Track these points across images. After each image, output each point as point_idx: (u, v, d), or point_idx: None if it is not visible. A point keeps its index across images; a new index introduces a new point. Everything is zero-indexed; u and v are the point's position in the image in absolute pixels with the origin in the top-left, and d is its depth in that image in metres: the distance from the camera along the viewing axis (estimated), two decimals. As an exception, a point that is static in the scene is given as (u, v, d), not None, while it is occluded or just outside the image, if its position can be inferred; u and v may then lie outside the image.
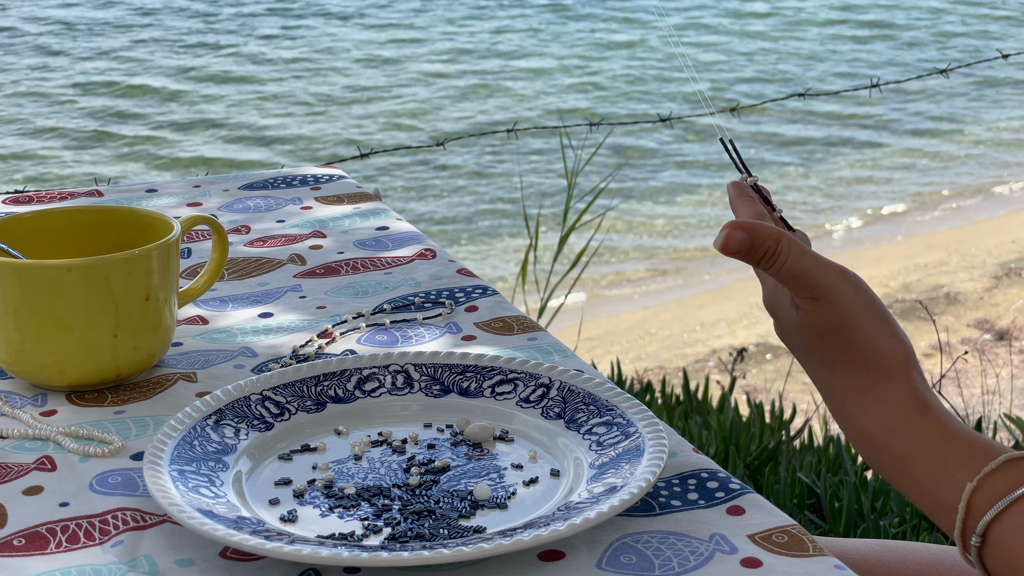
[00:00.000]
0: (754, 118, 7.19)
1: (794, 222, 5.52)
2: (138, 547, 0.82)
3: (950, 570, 1.03)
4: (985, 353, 4.06)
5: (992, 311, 4.61)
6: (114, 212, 1.12)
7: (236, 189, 1.50)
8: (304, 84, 8.06)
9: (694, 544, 0.81)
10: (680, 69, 8.15)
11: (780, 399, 2.97)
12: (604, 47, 8.83)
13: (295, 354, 1.08)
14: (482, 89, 8.00)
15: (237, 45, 8.91)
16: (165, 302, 1.04)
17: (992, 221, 6.16)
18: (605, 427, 0.92)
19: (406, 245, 1.32)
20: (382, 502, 0.86)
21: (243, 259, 1.29)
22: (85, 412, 1.00)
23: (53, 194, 1.49)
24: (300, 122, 7.36)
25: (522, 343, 1.10)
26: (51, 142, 6.97)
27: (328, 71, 8.35)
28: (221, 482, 0.87)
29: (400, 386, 0.99)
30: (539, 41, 9.03)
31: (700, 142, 6.97)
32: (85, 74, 8.17)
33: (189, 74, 8.19)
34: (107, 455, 0.93)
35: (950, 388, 3.64)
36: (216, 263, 1.13)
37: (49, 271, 0.99)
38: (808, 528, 2.31)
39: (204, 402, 0.94)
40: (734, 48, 8.91)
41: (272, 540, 0.79)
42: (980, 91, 8.09)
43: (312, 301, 1.19)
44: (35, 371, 1.02)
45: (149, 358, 1.04)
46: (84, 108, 7.44)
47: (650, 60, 8.55)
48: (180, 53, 8.66)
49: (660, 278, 5.63)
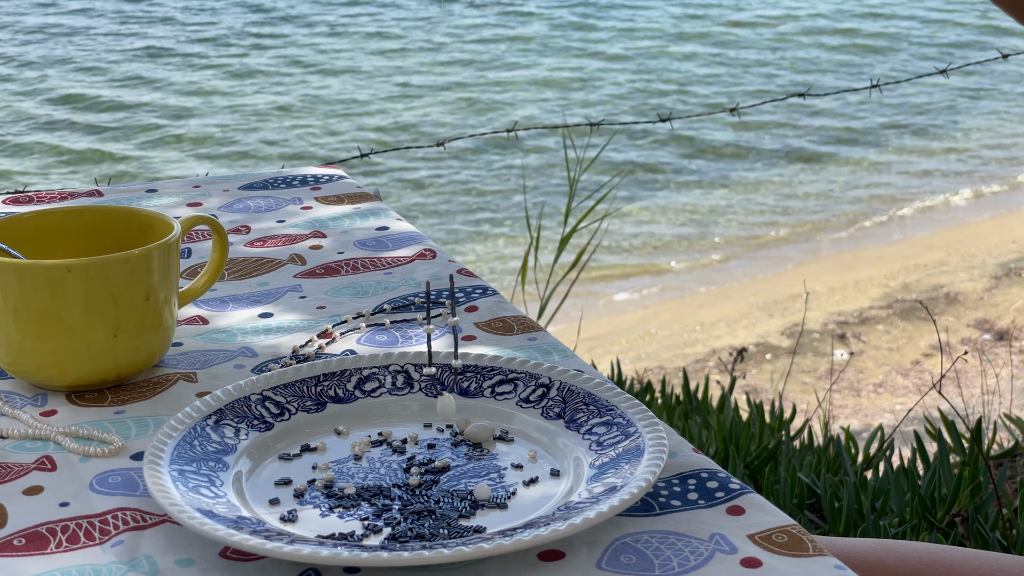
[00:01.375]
0: (753, 118, 7.19)
1: (807, 223, 5.46)
2: (138, 547, 0.82)
3: (949, 570, 1.03)
4: (985, 353, 4.06)
5: (992, 311, 4.61)
6: (114, 212, 1.12)
7: (236, 189, 1.50)
8: (305, 87, 8.06)
9: (694, 544, 0.81)
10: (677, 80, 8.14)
11: (780, 399, 2.97)
12: (608, 58, 8.82)
13: (295, 354, 1.08)
14: (483, 92, 7.99)
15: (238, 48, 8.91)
16: (165, 302, 1.04)
17: (992, 221, 6.16)
18: (605, 427, 0.92)
19: (406, 245, 1.32)
20: (382, 502, 0.86)
21: (243, 259, 1.29)
22: (85, 412, 1.00)
23: (53, 194, 1.49)
24: (301, 122, 7.35)
25: (522, 343, 1.10)
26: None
27: (329, 73, 8.35)
28: (221, 482, 0.87)
29: (400, 386, 0.99)
30: (545, 48, 9.03)
31: (704, 157, 6.97)
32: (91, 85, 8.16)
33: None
34: (107, 455, 0.93)
35: (950, 388, 3.63)
36: (216, 263, 1.13)
37: (49, 271, 0.99)
38: (808, 528, 2.31)
39: (204, 402, 0.94)
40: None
41: (272, 540, 0.79)
42: (976, 91, 8.08)
43: (312, 301, 1.19)
44: (35, 371, 1.02)
45: (149, 358, 1.04)
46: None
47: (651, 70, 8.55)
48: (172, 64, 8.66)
49: (660, 277, 5.63)
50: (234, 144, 7.04)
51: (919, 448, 2.47)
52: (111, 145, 7.03)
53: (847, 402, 3.87)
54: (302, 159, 6.77)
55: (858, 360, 4.22)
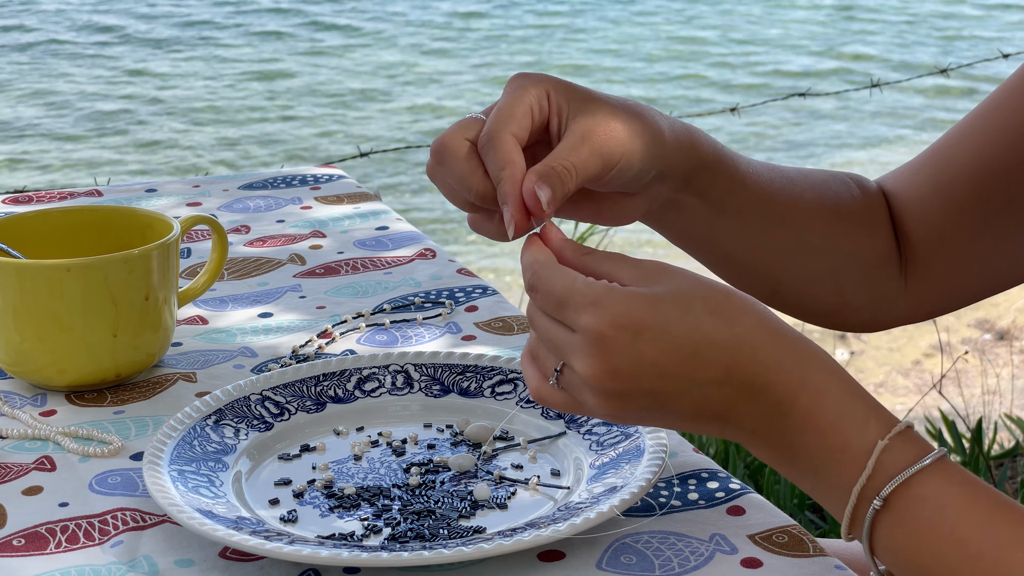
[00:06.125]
0: (752, 117, 7.20)
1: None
2: (138, 547, 0.82)
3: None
4: (985, 353, 4.06)
5: (992, 311, 4.61)
6: (114, 212, 1.12)
7: (236, 189, 1.50)
8: (305, 85, 8.07)
9: (694, 544, 0.81)
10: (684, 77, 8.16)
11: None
12: (612, 54, 8.83)
13: (295, 354, 1.08)
14: (483, 90, 8.00)
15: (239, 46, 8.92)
16: (165, 302, 1.04)
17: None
18: (605, 427, 0.92)
19: (406, 245, 1.32)
20: (382, 502, 0.86)
21: (243, 259, 1.29)
22: (85, 412, 1.00)
23: (53, 194, 1.49)
24: (299, 124, 7.36)
25: (522, 343, 1.10)
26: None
27: (328, 72, 8.35)
28: (221, 482, 0.87)
29: (400, 386, 0.99)
30: (544, 44, 9.03)
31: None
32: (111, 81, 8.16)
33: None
34: (107, 455, 0.93)
35: (950, 388, 3.64)
36: (216, 263, 1.13)
37: (49, 271, 0.99)
38: (808, 528, 2.31)
39: (204, 402, 0.94)
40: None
41: (272, 540, 0.79)
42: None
43: (312, 301, 1.19)
44: (35, 371, 1.02)
45: (149, 358, 1.04)
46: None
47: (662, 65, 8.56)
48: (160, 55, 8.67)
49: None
50: (234, 144, 7.04)
51: (919, 448, 2.47)
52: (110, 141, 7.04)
53: (847, 402, 3.86)
54: (302, 159, 6.77)
55: (858, 360, 4.22)
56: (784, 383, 0.72)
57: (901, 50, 8.81)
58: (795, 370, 0.72)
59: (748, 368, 0.72)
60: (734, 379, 0.72)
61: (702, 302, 0.72)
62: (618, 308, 0.72)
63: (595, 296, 0.72)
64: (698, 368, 0.72)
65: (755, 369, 0.72)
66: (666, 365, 0.71)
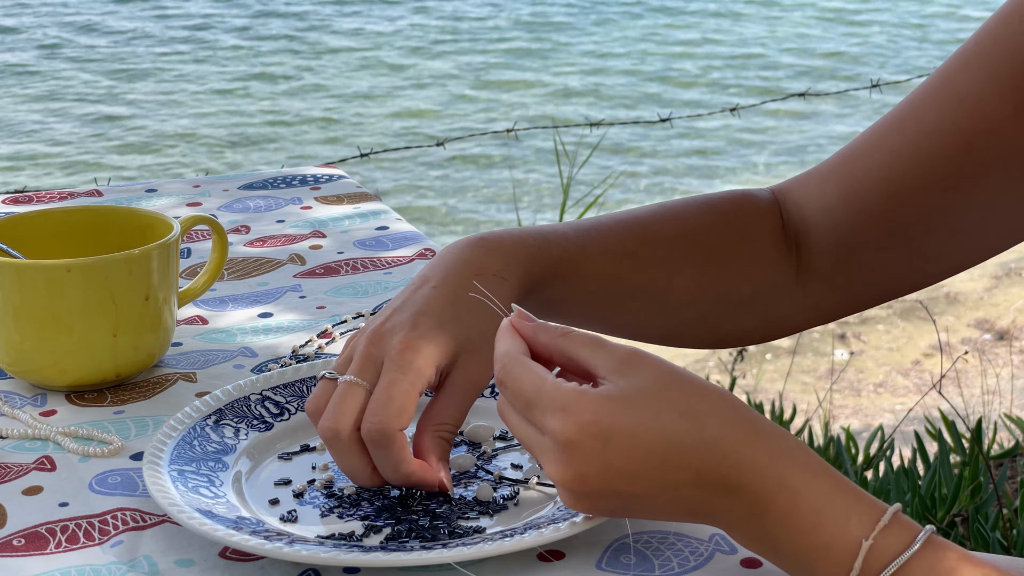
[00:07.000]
0: (752, 117, 7.20)
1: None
2: (138, 547, 0.82)
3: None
4: (985, 353, 4.06)
5: (992, 311, 4.61)
6: (114, 212, 1.12)
7: (236, 189, 1.50)
8: (304, 85, 8.07)
9: (694, 544, 0.81)
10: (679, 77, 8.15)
11: (780, 399, 2.97)
12: (609, 57, 8.83)
13: (295, 354, 1.08)
14: (483, 91, 8.00)
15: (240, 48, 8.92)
16: (165, 302, 1.04)
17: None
18: (605, 427, 0.92)
19: (406, 245, 1.32)
20: (382, 502, 0.86)
21: (243, 259, 1.29)
22: (85, 412, 1.00)
23: (53, 194, 1.49)
24: (300, 123, 7.36)
25: (522, 343, 1.10)
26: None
27: (329, 72, 8.36)
28: (221, 482, 0.87)
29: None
30: (544, 47, 9.04)
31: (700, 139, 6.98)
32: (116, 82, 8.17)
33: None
34: (107, 455, 0.93)
35: (950, 388, 3.64)
36: (216, 263, 1.13)
37: (49, 271, 0.99)
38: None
39: (204, 402, 0.94)
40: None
41: (272, 540, 0.79)
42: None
43: (312, 301, 1.19)
44: (35, 371, 1.02)
45: (149, 358, 1.04)
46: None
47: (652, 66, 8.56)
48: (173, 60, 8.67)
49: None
50: (234, 145, 7.05)
51: (919, 448, 2.47)
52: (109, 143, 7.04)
53: (847, 402, 3.87)
54: (302, 158, 6.78)
55: (858, 360, 4.22)
56: (760, 484, 0.71)
57: (901, 50, 8.81)
58: (769, 470, 0.71)
59: (721, 470, 0.71)
60: (707, 481, 0.71)
61: (671, 404, 0.72)
62: (586, 415, 0.71)
63: (564, 401, 0.72)
64: (669, 472, 0.71)
65: (728, 471, 0.71)
66: (636, 471, 0.71)
